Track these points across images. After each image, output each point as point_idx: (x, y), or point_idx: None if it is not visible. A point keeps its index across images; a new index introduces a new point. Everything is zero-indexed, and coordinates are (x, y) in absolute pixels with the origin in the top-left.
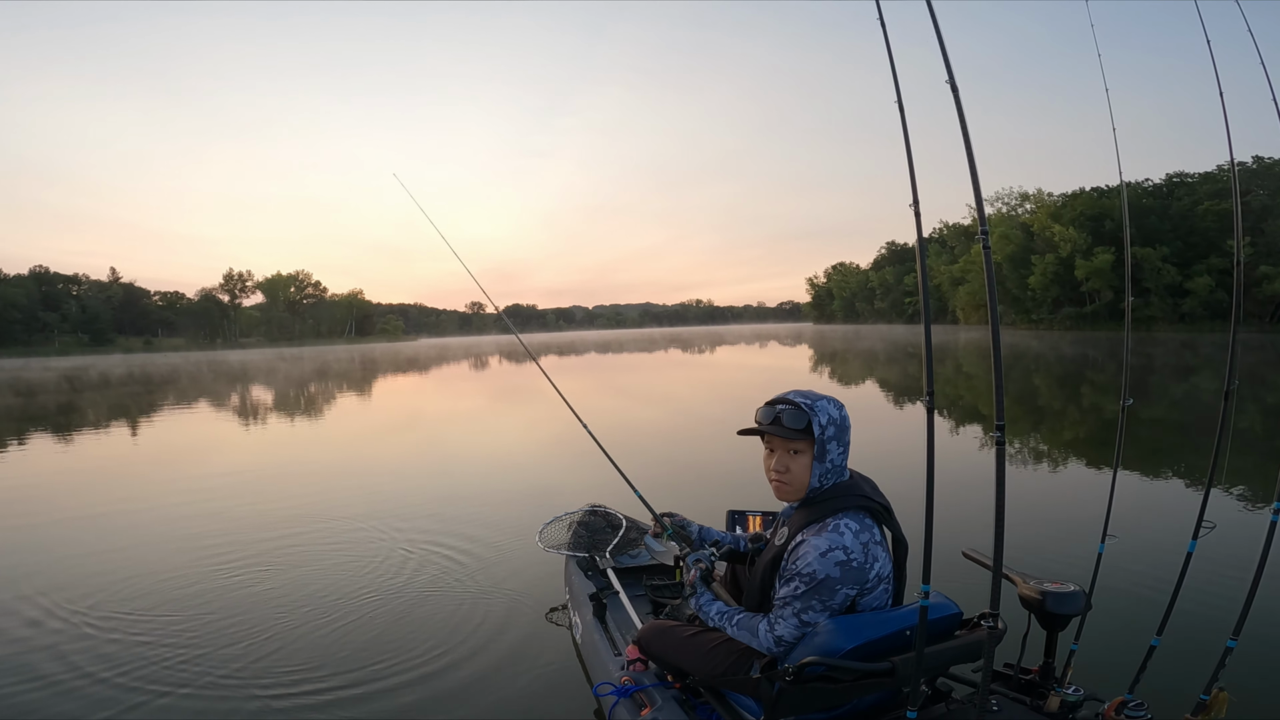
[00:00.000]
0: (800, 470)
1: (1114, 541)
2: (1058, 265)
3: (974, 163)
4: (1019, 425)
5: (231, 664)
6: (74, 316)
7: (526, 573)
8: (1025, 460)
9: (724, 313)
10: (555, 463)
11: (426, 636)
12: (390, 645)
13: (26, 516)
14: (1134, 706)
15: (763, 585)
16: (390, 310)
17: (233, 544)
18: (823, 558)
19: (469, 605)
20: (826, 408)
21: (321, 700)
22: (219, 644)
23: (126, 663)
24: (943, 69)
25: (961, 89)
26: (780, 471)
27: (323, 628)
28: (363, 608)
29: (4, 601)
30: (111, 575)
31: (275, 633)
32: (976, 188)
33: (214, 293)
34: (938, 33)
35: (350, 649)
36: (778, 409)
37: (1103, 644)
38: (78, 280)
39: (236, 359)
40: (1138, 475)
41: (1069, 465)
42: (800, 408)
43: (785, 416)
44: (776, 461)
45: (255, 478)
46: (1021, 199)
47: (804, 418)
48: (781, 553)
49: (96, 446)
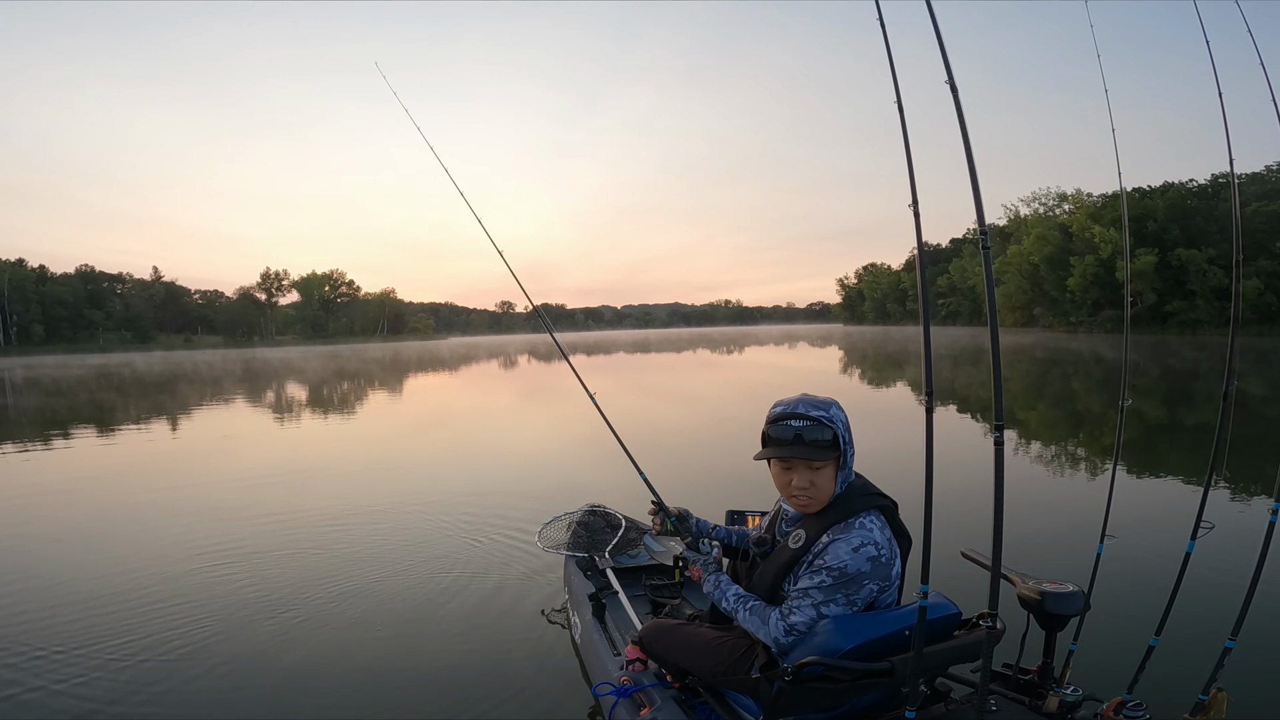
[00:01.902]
0: (826, 483)
1: (1114, 541)
2: (1097, 267)
3: (973, 165)
4: (1056, 429)
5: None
6: (118, 314)
7: (526, 572)
8: (1061, 464)
9: (753, 313)
10: (570, 462)
11: (425, 635)
12: (387, 644)
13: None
14: (1132, 706)
15: (772, 588)
16: (422, 309)
17: (224, 544)
18: (855, 553)
19: (468, 604)
20: (839, 415)
21: (323, 700)
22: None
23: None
24: (966, 68)
25: (997, 87)
26: (804, 488)
27: (323, 625)
28: (360, 609)
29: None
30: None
31: (267, 635)
32: (976, 190)
33: (251, 291)
34: (937, 33)
35: (346, 649)
36: (794, 426)
37: (1101, 644)
38: (122, 279)
39: (276, 356)
40: (1169, 477)
41: (1158, 465)
42: (820, 421)
43: (806, 433)
44: (799, 479)
45: (276, 475)
46: (1059, 199)
47: (828, 430)
48: (799, 556)
49: (151, 442)
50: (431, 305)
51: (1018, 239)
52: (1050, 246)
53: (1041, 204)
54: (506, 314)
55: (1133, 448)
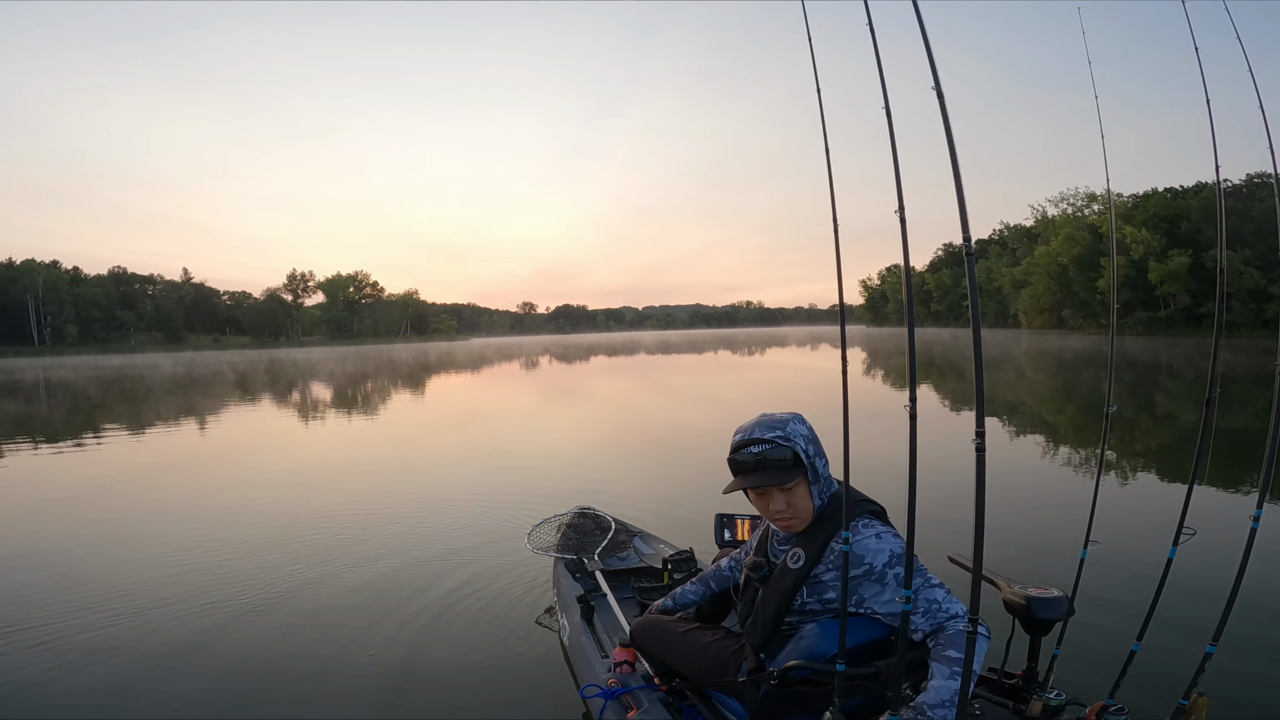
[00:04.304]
0: (802, 499)
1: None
2: (1129, 268)
3: (958, 170)
4: (1085, 434)
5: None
6: (149, 315)
7: (514, 574)
8: (1091, 470)
9: (775, 314)
10: (574, 462)
11: (414, 637)
12: (373, 647)
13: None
14: (1114, 711)
15: (778, 611)
16: (444, 310)
17: (212, 547)
18: (880, 539)
19: (456, 607)
20: (797, 429)
21: (303, 699)
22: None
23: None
24: (989, 72)
25: (1026, 85)
26: (782, 510)
27: (307, 627)
28: (357, 607)
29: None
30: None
31: (256, 636)
32: (960, 195)
33: (278, 292)
34: (924, 36)
35: (335, 649)
36: (754, 452)
37: (1085, 649)
38: (153, 280)
39: (303, 356)
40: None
41: (1147, 471)
42: (777, 442)
43: (768, 456)
44: (774, 503)
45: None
46: (1089, 199)
47: (786, 450)
48: (804, 575)
49: (198, 440)
50: (454, 306)
51: (1045, 240)
52: (1079, 247)
53: (1070, 204)
54: (528, 315)
55: (1158, 453)
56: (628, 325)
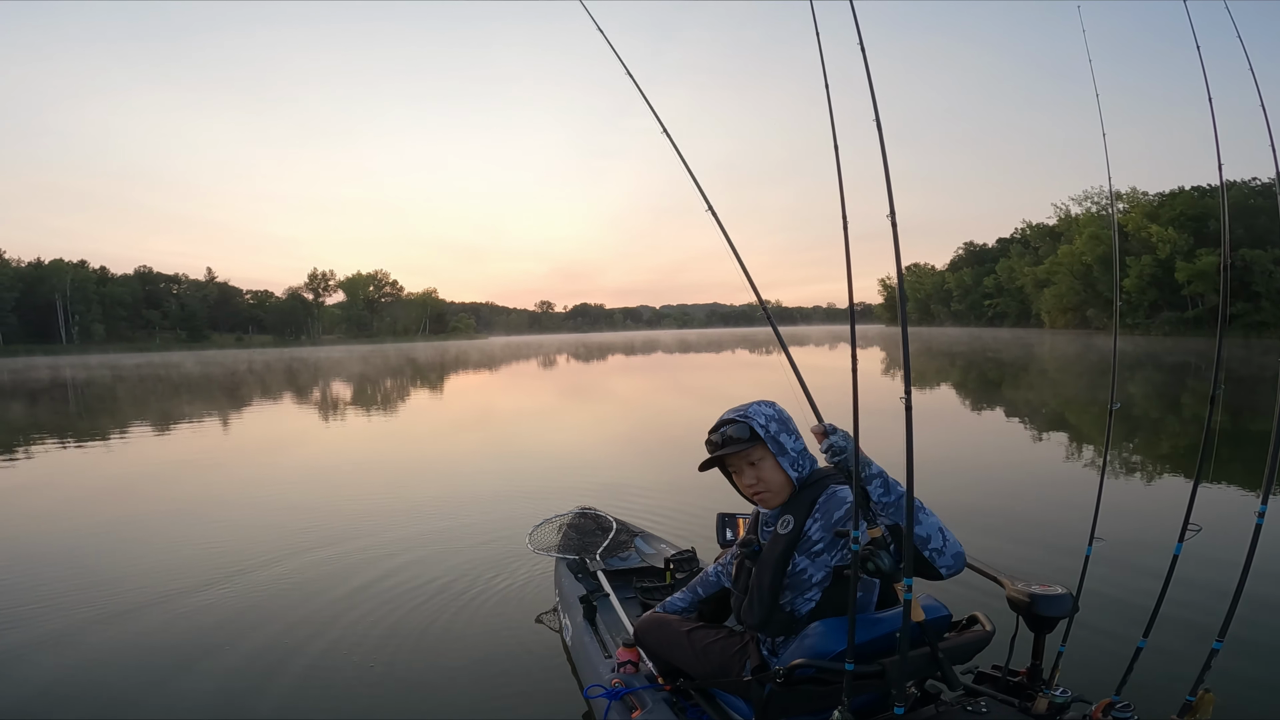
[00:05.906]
0: (769, 472)
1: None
2: (1155, 267)
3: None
4: (1091, 431)
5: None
6: (174, 314)
7: (517, 574)
8: (1117, 472)
9: (793, 314)
10: (580, 463)
11: (416, 636)
12: (375, 646)
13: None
14: (1121, 708)
15: (774, 575)
16: (462, 308)
17: (211, 550)
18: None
19: (458, 607)
20: (760, 409)
21: (305, 698)
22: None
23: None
24: (1001, 66)
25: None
26: (753, 484)
27: (309, 625)
28: (361, 606)
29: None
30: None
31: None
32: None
33: (300, 292)
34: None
35: (336, 652)
36: (722, 432)
37: (1090, 646)
38: (178, 280)
39: (324, 355)
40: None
41: (1166, 473)
42: (736, 420)
43: (730, 434)
44: (746, 477)
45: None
46: (1114, 198)
47: (745, 427)
48: (795, 538)
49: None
50: (472, 305)
51: (1068, 239)
52: (1104, 246)
53: (1094, 202)
54: (545, 313)
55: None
56: (645, 324)
